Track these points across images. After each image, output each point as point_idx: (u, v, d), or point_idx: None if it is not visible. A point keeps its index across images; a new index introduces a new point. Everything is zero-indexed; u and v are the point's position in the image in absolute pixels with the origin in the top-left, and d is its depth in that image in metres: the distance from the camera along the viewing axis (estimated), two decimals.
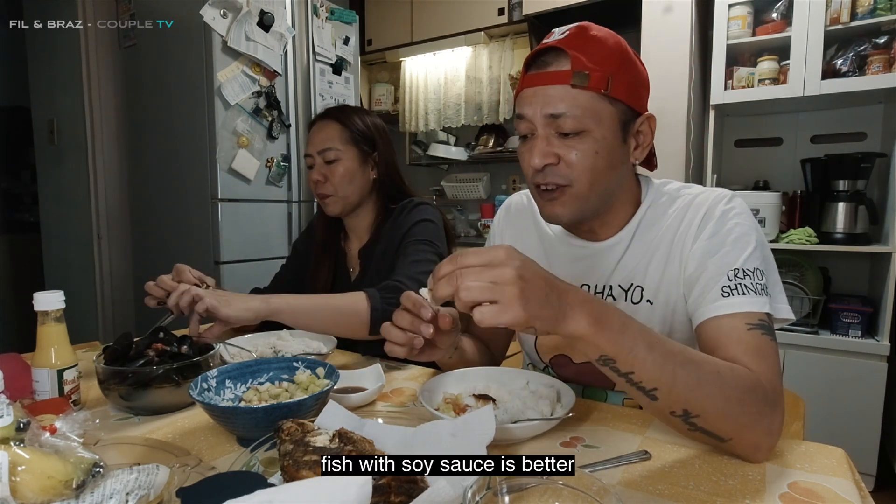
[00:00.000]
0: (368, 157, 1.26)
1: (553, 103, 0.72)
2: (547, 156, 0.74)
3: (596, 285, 0.86)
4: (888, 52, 1.88)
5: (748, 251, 0.73)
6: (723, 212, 0.77)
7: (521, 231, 0.97)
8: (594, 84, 0.71)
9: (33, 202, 2.89)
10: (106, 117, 2.43)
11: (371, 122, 1.27)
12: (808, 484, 0.55)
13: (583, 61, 0.71)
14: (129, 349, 0.82)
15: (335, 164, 1.22)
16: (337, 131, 1.23)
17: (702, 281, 0.74)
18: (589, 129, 0.72)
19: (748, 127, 2.42)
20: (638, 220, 0.84)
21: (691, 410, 0.59)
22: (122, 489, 0.49)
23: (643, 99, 0.77)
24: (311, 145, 1.25)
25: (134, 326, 2.49)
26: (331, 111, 1.28)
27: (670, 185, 0.86)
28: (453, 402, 0.74)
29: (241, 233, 2.13)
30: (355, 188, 1.24)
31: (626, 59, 0.74)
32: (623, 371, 0.57)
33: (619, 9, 2.40)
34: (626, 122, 0.75)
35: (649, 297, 0.82)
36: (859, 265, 2.22)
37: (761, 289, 0.71)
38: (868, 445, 1.88)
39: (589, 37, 0.73)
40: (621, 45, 0.75)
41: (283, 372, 0.81)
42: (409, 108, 3.25)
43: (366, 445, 0.52)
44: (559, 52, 0.73)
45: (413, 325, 0.68)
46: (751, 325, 0.68)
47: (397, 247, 1.18)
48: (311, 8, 2.31)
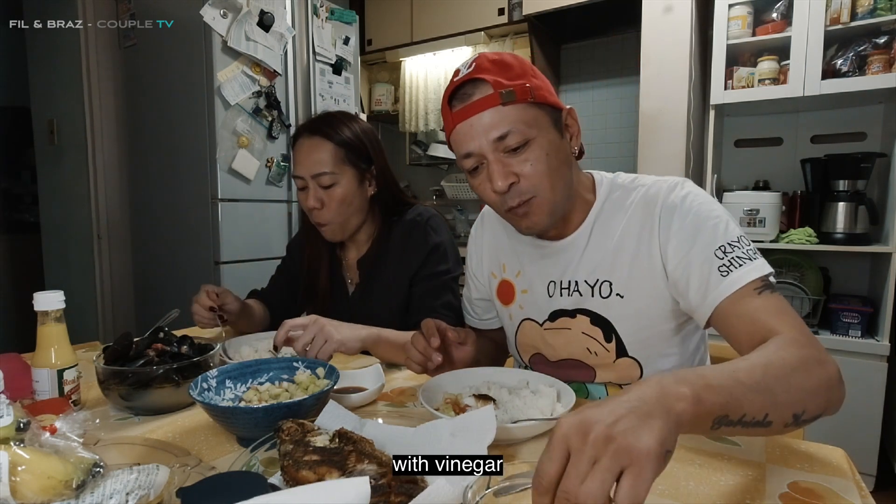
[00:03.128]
0: (366, 173, 1.15)
1: (494, 126, 0.74)
2: (507, 176, 0.76)
3: (561, 281, 0.89)
4: (888, 52, 1.88)
5: (722, 225, 0.76)
6: (680, 199, 0.79)
7: (496, 236, 1.00)
8: (520, 96, 0.74)
9: (33, 202, 2.89)
10: (106, 117, 2.43)
11: (361, 132, 1.15)
12: (808, 484, 0.55)
13: (501, 81, 0.74)
14: (129, 349, 0.82)
15: (332, 188, 1.11)
16: (330, 152, 1.10)
17: (694, 274, 0.75)
18: (532, 136, 0.75)
19: (748, 127, 2.42)
20: (595, 214, 0.86)
21: (798, 412, 0.56)
22: (122, 489, 0.49)
23: (555, 96, 0.81)
24: (302, 167, 1.12)
25: (134, 326, 2.49)
26: (317, 126, 1.13)
27: (622, 178, 0.89)
28: (453, 402, 0.74)
29: (241, 233, 2.13)
30: (355, 210, 1.15)
31: (531, 69, 0.78)
32: (736, 419, 0.50)
33: (619, 9, 2.40)
34: (556, 120, 0.79)
35: (619, 292, 0.84)
36: (859, 265, 2.22)
37: (753, 253, 0.74)
38: (868, 445, 1.88)
39: (493, 61, 0.77)
40: (521, 59, 0.79)
41: (283, 372, 0.81)
42: (409, 108, 3.25)
43: (366, 445, 0.52)
44: (476, 82, 0.76)
45: (425, 350, 0.79)
46: (758, 289, 0.70)
47: (415, 272, 1.15)
48: (311, 8, 2.31)
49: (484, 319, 1.07)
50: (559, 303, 0.89)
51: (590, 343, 0.87)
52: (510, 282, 0.96)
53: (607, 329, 0.85)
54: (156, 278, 2.40)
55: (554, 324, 0.90)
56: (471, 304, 1.08)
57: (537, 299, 0.91)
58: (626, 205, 0.84)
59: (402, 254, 1.16)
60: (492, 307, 1.05)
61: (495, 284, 0.99)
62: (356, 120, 1.18)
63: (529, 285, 0.93)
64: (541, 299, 0.91)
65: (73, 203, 2.49)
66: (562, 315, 0.89)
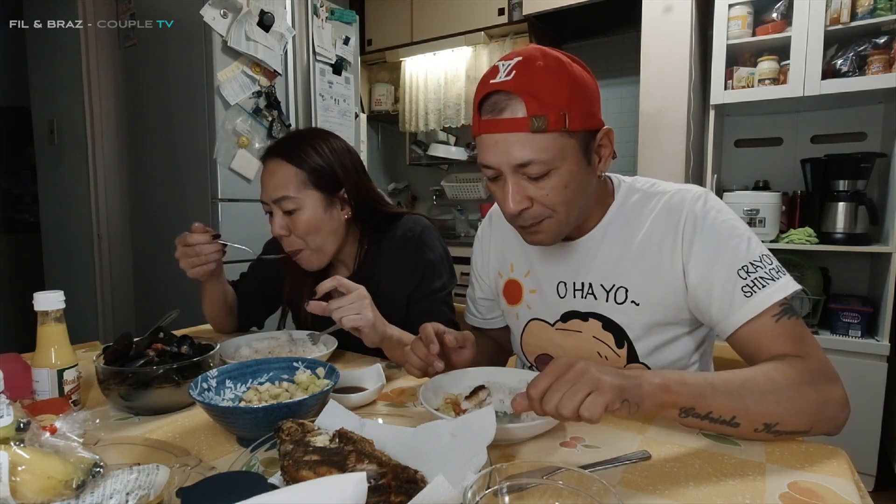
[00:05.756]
0: (334, 196, 1.08)
1: (517, 153, 0.71)
2: (522, 201, 0.75)
3: (574, 283, 0.88)
4: (888, 52, 1.88)
5: (745, 243, 0.75)
6: (703, 214, 0.78)
7: (505, 237, 0.99)
8: (552, 126, 0.70)
9: (33, 202, 2.89)
10: (106, 117, 2.43)
11: (331, 152, 1.08)
12: (808, 484, 0.55)
13: (536, 104, 0.69)
14: (129, 349, 0.82)
15: (295, 213, 1.05)
16: (290, 175, 1.04)
17: (716, 293, 0.75)
18: (556, 167, 0.73)
19: (748, 127, 2.42)
20: (611, 217, 0.85)
21: (770, 422, 0.63)
22: (122, 489, 0.49)
23: (597, 114, 0.76)
24: (265, 191, 1.07)
25: (134, 326, 2.49)
26: (279, 148, 1.07)
27: (640, 182, 0.87)
28: (453, 402, 0.74)
29: (241, 233, 2.13)
30: (326, 236, 1.08)
31: (576, 85, 0.71)
32: (703, 414, 0.62)
33: (619, 9, 2.40)
34: (587, 144, 0.75)
35: (635, 299, 0.83)
36: (859, 265, 2.22)
37: (776, 272, 0.74)
38: (868, 445, 1.88)
39: (536, 71, 0.70)
40: (568, 71, 0.72)
41: (283, 372, 0.81)
42: (409, 108, 3.25)
43: (366, 445, 0.52)
44: (510, 95, 0.71)
45: (426, 356, 0.80)
46: (776, 315, 0.71)
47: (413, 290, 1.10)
48: (311, 8, 2.31)
49: (487, 318, 1.07)
50: (572, 304, 0.88)
51: (601, 347, 0.87)
52: (518, 281, 0.96)
53: (619, 335, 0.85)
54: (156, 278, 2.40)
55: (566, 325, 0.89)
56: (474, 304, 1.08)
57: (547, 299, 0.91)
58: (646, 211, 0.83)
59: (395, 272, 1.11)
60: (496, 306, 1.04)
61: (501, 284, 0.99)
62: (327, 139, 1.10)
63: (538, 285, 0.92)
64: (551, 300, 0.90)
65: (73, 203, 2.49)
66: (574, 317, 0.88)
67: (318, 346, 1.05)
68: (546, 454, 0.64)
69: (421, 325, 0.83)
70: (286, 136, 1.13)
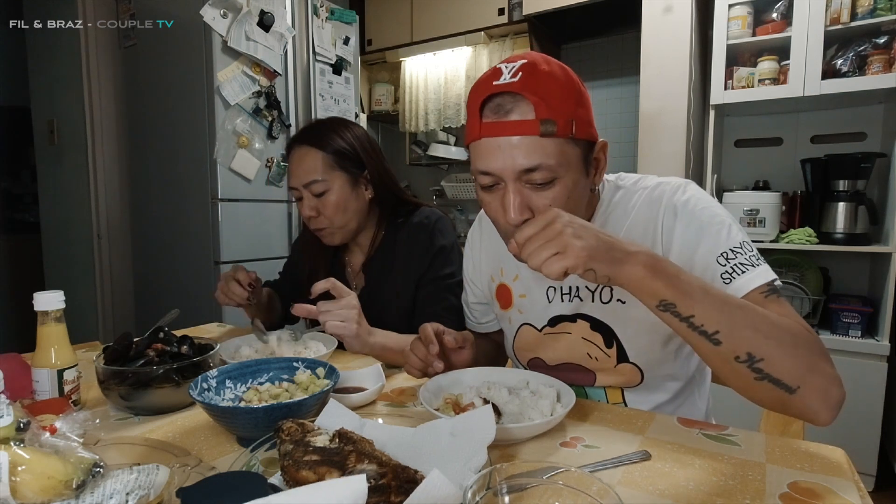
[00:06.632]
0: (359, 177, 1.16)
1: (525, 157, 0.68)
2: (523, 211, 0.71)
3: (562, 287, 0.87)
4: (888, 52, 1.88)
5: (724, 230, 0.74)
6: (683, 203, 0.77)
7: (494, 240, 0.98)
8: (561, 131, 0.68)
9: (33, 202, 2.89)
10: (106, 117, 2.43)
11: (354, 137, 1.16)
12: (808, 484, 0.55)
13: (545, 108, 0.67)
14: (129, 349, 0.82)
15: (324, 195, 1.12)
16: (318, 159, 1.12)
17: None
18: (560, 175, 0.70)
19: (748, 127, 2.42)
20: (596, 218, 0.84)
21: (755, 353, 0.59)
22: (122, 489, 0.49)
23: (593, 125, 0.74)
24: (295, 177, 1.15)
25: (134, 326, 2.49)
26: (306, 135, 1.15)
27: (624, 179, 0.86)
28: (453, 402, 0.74)
29: (241, 233, 2.13)
30: (352, 215, 1.16)
31: (578, 92, 0.71)
32: (684, 315, 0.60)
33: (619, 9, 2.40)
34: (587, 155, 0.74)
35: (620, 297, 0.82)
36: (859, 265, 2.22)
37: (756, 259, 0.72)
38: (868, 445, 1.88)
39: (542, 75, 0.68)
40: (570, 77, 0.71)
41: (283, 372, 0.81)
42: (409, 108, 3.25)
43: (366, 445, 0.52)
44: (516, 97, 0.68)
45: (426, 357, 0.80)
46: (765, 293, 0.69)
47: (422, 274, 1.15)
48: (311, 8, 2.31)
49: (482, 323, 1.06)
50: (559, 308, 0.88)
51: (590, 348, 0.86)
52: (507, 286, 0.95)
53: (608, 335, 0.85)
54: (156, 278, 2.40)
55: (554, 329, 0.89)
56: (469, 309, 1.08)
57: (536, 304, 0.90)
58: (629, 208, 0.82)
59: (408, 257, 1.16)
60: (490, 311, 1.04)
61: (494, 288, 0.99)
62: (348, 125, 1.18)
63: (527, 290, 0.92)
64: (539, 304, 0.90)
65: (73, 203, 2.49)
66: (562, 320, 0.88)
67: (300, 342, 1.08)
68: (546, 454, 0.64)
69: (420, 326, 0.83)
70: (309, 125, 1.19)
